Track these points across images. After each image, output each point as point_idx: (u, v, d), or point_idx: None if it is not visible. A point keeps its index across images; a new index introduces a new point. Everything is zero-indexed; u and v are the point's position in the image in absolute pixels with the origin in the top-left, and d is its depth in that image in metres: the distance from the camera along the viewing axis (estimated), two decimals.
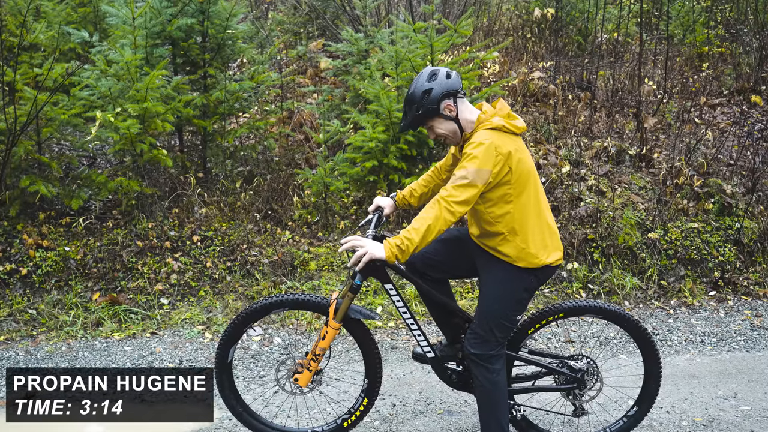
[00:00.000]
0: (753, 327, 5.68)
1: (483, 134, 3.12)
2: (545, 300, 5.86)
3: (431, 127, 3.28)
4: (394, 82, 6.49)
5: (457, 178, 3.04)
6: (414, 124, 3.31)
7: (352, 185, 6.53)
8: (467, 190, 3.02)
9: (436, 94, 3.19)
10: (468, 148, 3.10)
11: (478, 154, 3.03)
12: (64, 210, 6.00)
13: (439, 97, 3.19)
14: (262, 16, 10.49)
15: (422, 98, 3.20)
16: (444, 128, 3.25)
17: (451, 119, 3.23)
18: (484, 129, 3.16)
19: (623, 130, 8.03)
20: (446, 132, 3.26)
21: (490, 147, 3.05)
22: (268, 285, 5.65)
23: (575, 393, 3.69)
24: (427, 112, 3.22)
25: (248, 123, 6.89)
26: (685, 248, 6.36)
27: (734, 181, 7.20)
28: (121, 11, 5.93)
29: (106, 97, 5.80)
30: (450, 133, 3.27)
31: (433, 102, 3.19)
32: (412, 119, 3.27)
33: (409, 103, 3.26)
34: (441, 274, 3.61)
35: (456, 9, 9.80)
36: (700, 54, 10.21)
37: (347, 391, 4.23)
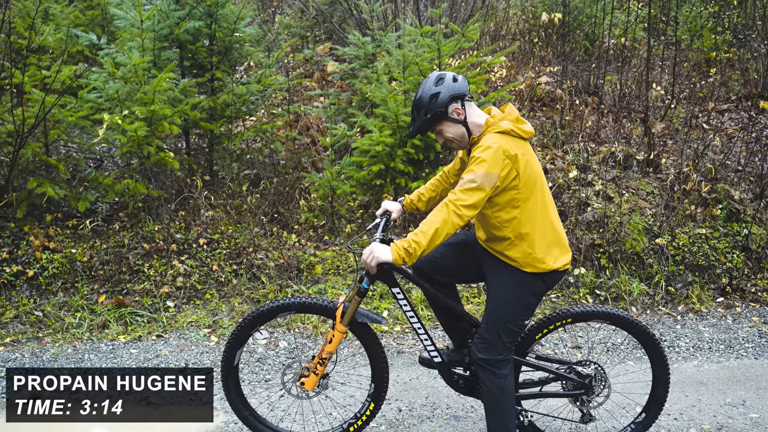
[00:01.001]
0: (761, 334, 5.64)
1: (491, 138, 3.11)
2: (552, 305, 5.84)
3: (440, 131, 3.28)
4: (401, 86, 6.49)
5: (465, 181, 3.03)
6: (423, 129, 3.31)
7: (358, 189, 6.53)
8: (475, 193, 3.01)
9: (443, 97, 3.19)
10: (476, 151, 3.09)
11: (486, 158, 3.02)
12: (71, 212, 6.00)
13: (446, 100, 3.19)
14: (269, 19, 10.51)
15: (430, 102, 3.20)
16: (452, 132, 3.25)
17: (459, 122, 3.22)
18: (492, 133, 3.15)
19: (630, 135, 8.00)
20: (454, 136, 3.26)
21: (498, 151, 3.04)
22: (274, 288, 5.64)
23: (583, 399, 3.67)
24: (436, 116, 3.21)
25: (255, 126, 6.89)
26: (692, 254, 6.33)
27: (742, 187, 7.16)
28: (129, 14, 5.94)
29: (113, 99, 5.81)
30: (458, 137, 3.26)
31: (441, 105, 3.19)
32: (421, 124, 3.27)
33: (417, 108, 3.26)
34: (448, 279, 3.60)
35: (463, 13, 9.80)
36: (708, 59, 10.18)
37: (353, 396, 4.22)
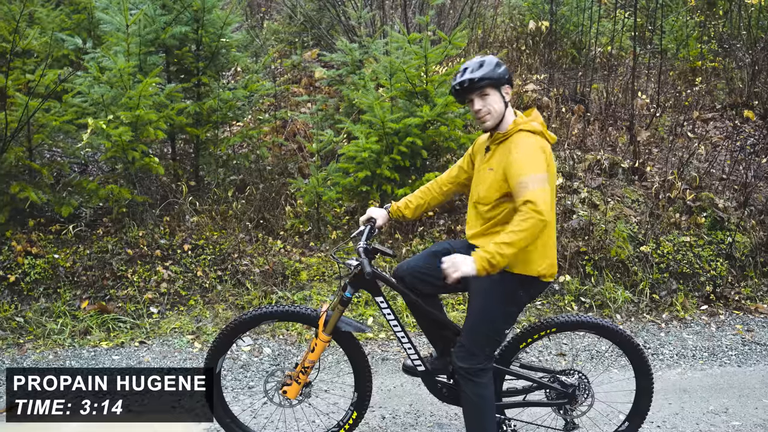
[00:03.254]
0: (744, 342, 5.67)
1: (528, 139, 3.14)
2: (537, 312, 5.85)
3: (485, 97, 3.21)
4: (388, 92, 6.49)
5: (529, 183, 3.00)
6: (475, 87, 3.20)
7: (344, 195, 6.51)
8: (545, 191, 3.00)
9: (507, 71, 3.22)
10: (517, 152, 3.10)
11: (531, 157, 3.07)
12: (54, 217, 5.95)
13: (508, 75, 3.23)
14: (257, 25, 10.49)
15: (496, 67, 3.20)
16: (496, 105, 3.21)
17: (504, 102, 3.23)
18: (525, 132, 3.17)
19: (616, 143, 8.04)
20: (494, 109, 3.21)
21: (538, 148, 3.11)
22: (258, 295, 5.61)
23: (566, 408, 3.67)
24: (500, 80, 3.20)
25: (241, 132, 6.87)
26: (677, 262, 6.36)
27: (726, 195, 7.21)
28: (115, 18, 5.91)
29: (98, 104, 5.77)
30: (495, 113, 3.22)
31: (504, 74, 3.21)
32: (479, 79, 3.18)
33: (478, 66, 3.21)
34: (431, 289, 3.53)
35: (451, 20, 9.82)
36: (693, 68, 10.25)
37: (336, 403, 4.20)
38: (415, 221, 6.46)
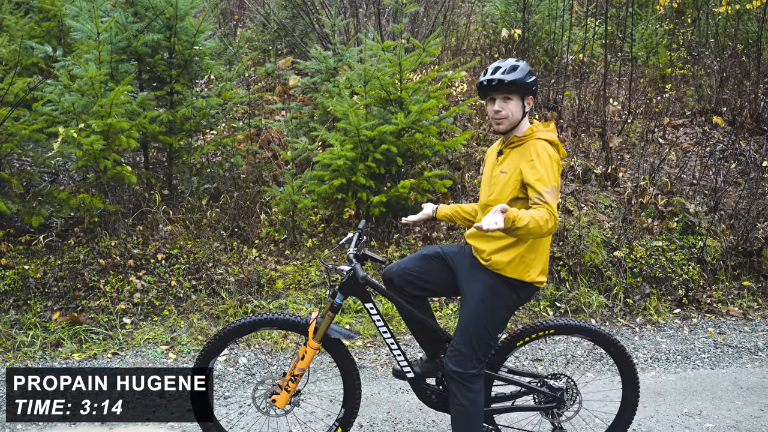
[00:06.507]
0: (716, 344, 5.75)
1: (550, 150, 3.18)
2: (513, 318, 5.86)
3: (507, 101, 3.22)
4: (363, 99, 6.49)
5: (548, 195, 3.04)
6: (503, 88, 3.20)
7: (320, 203, 6.49)
8: (556, 201, 3.08)
9: (535, 83, 3.24)
10: (537, 160, 3.12)
11: (549, 166, 3.10)
12: (24, 227, 5.85)
13: (535, 87, 3.25)
14: (230, 32, 10.44)
15: (527, 74, 3.21)
16: (515, 111, 3.23)
17: (522, 111, 3.25)
18: (542, 141, 3.20)
19: (589, 149, 8.13)
20: (511, 114, 3.22)
21: (554, 157, 3.16)
22: (234, 304, 5.56)
23: (554, 412, 3.68)
24: (527, 89, 3.22)
25: (215, 140, 6.82)
26: (649, 266, 6.44)
27: (697, 200, 7.32)
28: (85, 26, 5.84)
29: (69, 112, 5.69)
30: (513, 119, 3.23)
31: (533, 84, 3.23)
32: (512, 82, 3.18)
33: (511, 69, 3.20)
34: (420, 292, 3.53)
35: (424, 28, 9.88)
36: (663, 75, 10.42)
37: (327, 414, 4.17)
38: (390, 229, 6.47)
